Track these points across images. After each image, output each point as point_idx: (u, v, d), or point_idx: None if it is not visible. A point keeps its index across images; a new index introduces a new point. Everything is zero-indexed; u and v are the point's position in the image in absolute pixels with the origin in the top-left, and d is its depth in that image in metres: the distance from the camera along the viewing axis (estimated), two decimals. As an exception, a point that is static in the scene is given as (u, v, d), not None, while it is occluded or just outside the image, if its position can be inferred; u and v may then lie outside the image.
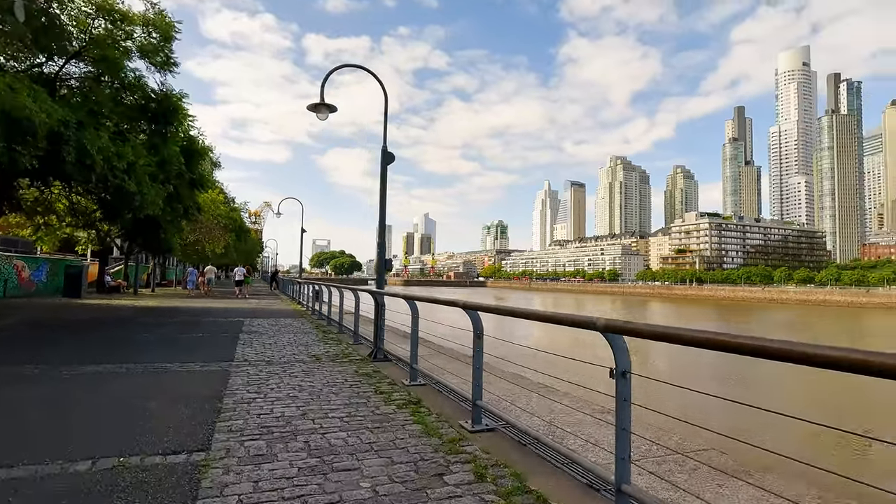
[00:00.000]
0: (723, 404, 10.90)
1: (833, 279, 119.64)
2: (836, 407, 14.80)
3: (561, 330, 28.34)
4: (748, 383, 17.55)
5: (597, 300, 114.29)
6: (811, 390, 16.53)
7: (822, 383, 16.96)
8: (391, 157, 8.26)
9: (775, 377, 17.59)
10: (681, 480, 3.46)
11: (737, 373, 18.49)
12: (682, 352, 24.70)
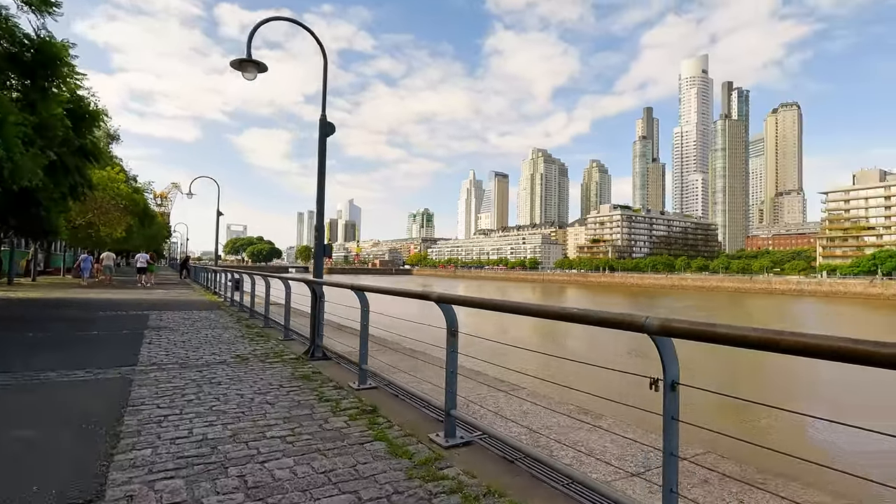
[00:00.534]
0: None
1: (723, 267, 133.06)
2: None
3: (512, 319, 28.22)
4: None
5: (519, 287, 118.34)
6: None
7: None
8: (331, 129, 7.27)
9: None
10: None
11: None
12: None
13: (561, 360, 11.22)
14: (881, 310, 63.77)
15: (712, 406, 11.01)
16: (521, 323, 25.59)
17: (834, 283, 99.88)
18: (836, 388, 15.51)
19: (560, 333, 23.88)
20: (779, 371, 17.50)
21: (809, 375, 17.01)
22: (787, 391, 15.71)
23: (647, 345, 2.23)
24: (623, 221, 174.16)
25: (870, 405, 13.40)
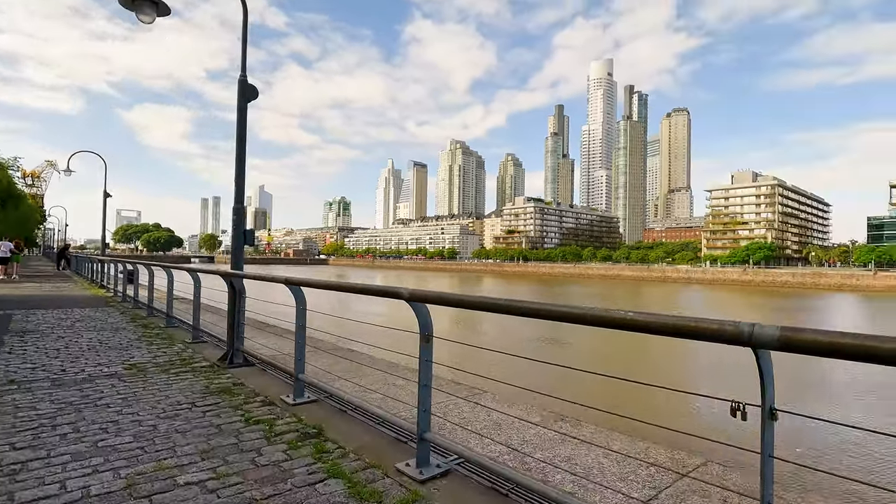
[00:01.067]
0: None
1: (625, 257, 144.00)
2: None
3: (465, 316, 27.52)
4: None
5: (436, 276, 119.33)
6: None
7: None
8: (253, 92, 6.11)
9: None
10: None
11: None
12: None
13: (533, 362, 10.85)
14: (752, 295, 72.59)
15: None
16: (481, 321, 25.08)
17: (716, 272, 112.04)
18: None
19: (527, 331, 23.50)
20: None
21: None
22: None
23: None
24: (536, 214, 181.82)
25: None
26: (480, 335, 22.51)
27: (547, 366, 12.35)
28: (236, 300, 5.90)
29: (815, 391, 14.24)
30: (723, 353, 17.94)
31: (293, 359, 4.55)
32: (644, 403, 11.40)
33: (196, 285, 7.60)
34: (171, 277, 9.03)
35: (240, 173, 6.01)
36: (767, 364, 1.63)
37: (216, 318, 8.95)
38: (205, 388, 4.85)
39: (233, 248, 6.02)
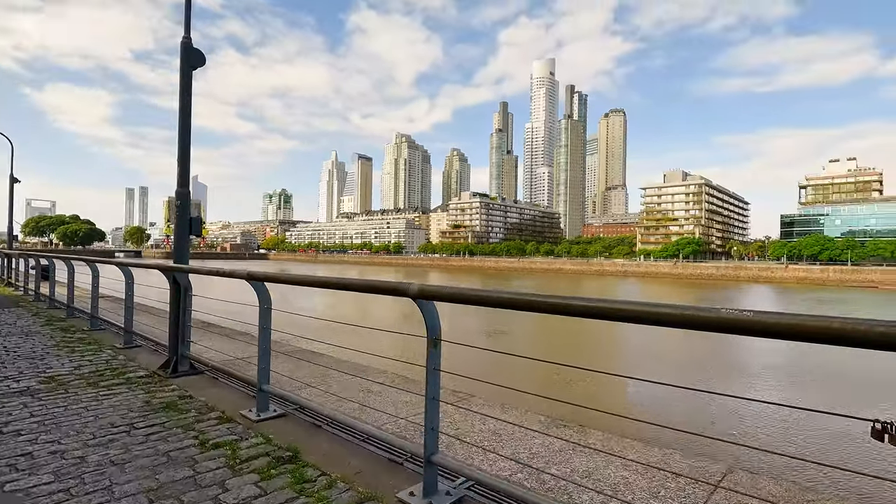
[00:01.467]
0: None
1: (566, 252, 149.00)
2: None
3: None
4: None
5: (381, 271, 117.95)
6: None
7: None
8: (198, 58, 5.29)
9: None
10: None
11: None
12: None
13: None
14: (682, 287, 77.39)
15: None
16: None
17: (649, 266, 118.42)
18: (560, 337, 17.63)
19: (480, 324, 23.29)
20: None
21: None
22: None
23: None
24: (482, 209, 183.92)
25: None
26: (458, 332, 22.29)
27: (529, 365, 12.19)
28: (181, 298, 5.10)
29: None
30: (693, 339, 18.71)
31: (252, 365, 3.91)
32: (646, 401, 11.48)
33: (128, 282, 6.63)
34: (97, 273, 7.90)
35: (184, 152, 5.19)
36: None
37: (152, 318, 7.93)
38: (145, 405, 4.08)
39: (176, 238, 5.20)
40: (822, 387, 14.12)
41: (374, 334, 17.11)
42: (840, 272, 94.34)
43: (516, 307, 2.16)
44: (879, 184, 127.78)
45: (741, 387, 13.49)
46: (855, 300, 53.48)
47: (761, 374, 15.43)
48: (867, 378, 14.53)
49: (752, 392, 12.62)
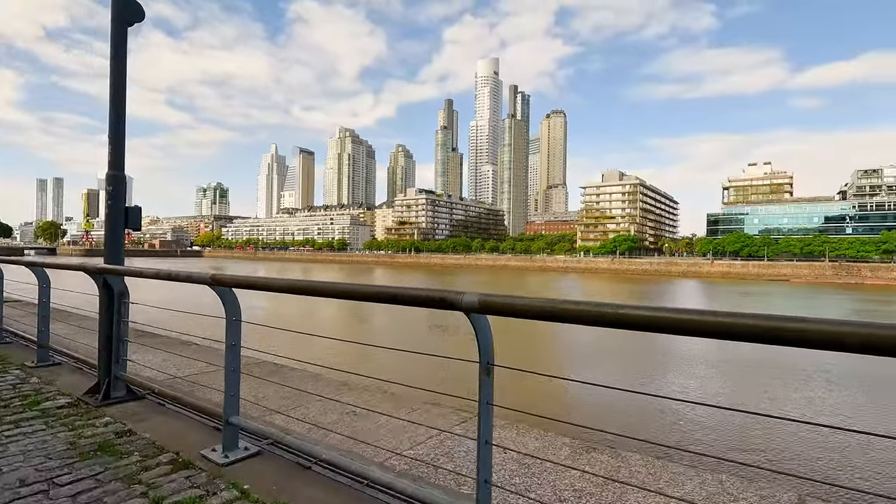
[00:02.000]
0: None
1: (510, 249, 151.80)
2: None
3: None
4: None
5: (325, 269, 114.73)
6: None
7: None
8: (136, 12, 4.32)
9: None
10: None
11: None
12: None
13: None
14: (620, 282, 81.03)
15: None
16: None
17: (589, 262, 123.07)
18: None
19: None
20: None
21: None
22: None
23: None
24: (428, 205, 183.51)
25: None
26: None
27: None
28: (114, 306, 4.13)
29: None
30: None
31: (209, 389, 3.10)
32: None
33: (42, 286, 5.47)
34: (1, 275, 6.56)
35: (117, 128, 4.20)
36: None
37: (73, 329, 6.68)
38: (69, 447, 3.14)
39: (108, 232, 4.20)
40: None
41: (350, 346, 15.85)
42: (758, 267, 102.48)
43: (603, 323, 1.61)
44: (790, 186, 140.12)
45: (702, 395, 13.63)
46: (772, 293, 58.56)
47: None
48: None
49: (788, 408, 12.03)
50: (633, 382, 13.83)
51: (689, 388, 13.51)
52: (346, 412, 3.91)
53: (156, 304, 4.62)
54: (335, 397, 4.20)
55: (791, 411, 11.73)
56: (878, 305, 43.10)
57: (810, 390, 13.43)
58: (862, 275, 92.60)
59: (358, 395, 4.35)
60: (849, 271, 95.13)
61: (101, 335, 4.18)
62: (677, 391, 13.04)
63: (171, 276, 3.41)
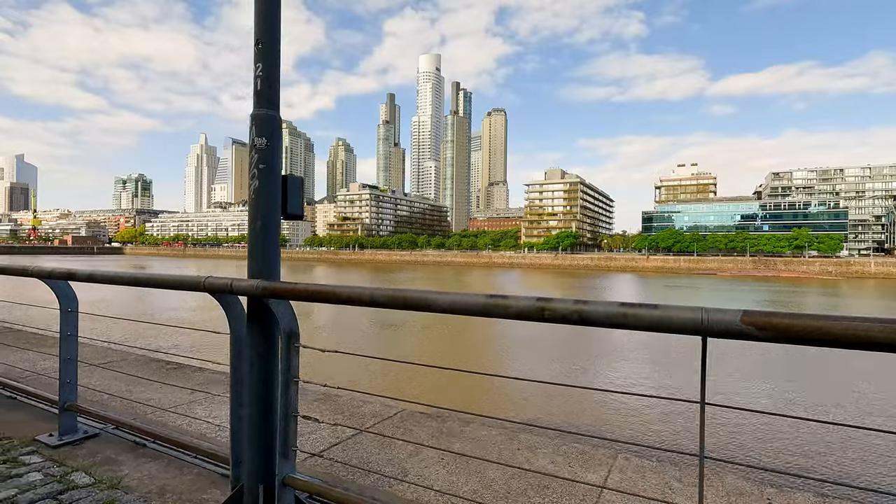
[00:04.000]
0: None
1: (456, 245, 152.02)
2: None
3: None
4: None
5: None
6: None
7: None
8: None
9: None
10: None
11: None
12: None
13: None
14: (561, 276, 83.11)
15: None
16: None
17: (533, 257, 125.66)
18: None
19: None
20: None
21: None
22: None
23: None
24: (372, 201, 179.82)
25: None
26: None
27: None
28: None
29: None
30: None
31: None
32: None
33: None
34: None
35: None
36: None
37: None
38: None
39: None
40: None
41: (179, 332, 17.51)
42: (688, 262, 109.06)
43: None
44: (714, 186, 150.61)
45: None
46: (700, 285, 62.54)
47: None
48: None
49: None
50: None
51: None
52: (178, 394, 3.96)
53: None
54: (165, 379, 4.42)
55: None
56: (789, 296, 47.75)
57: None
58: (777, 268, 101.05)
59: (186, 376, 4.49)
60: (766, 265, 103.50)
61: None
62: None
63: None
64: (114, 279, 2.66)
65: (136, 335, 16.90)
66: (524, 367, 14.92)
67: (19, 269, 3.18)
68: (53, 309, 3.13)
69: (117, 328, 18.02)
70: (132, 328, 18.03)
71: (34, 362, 5.00)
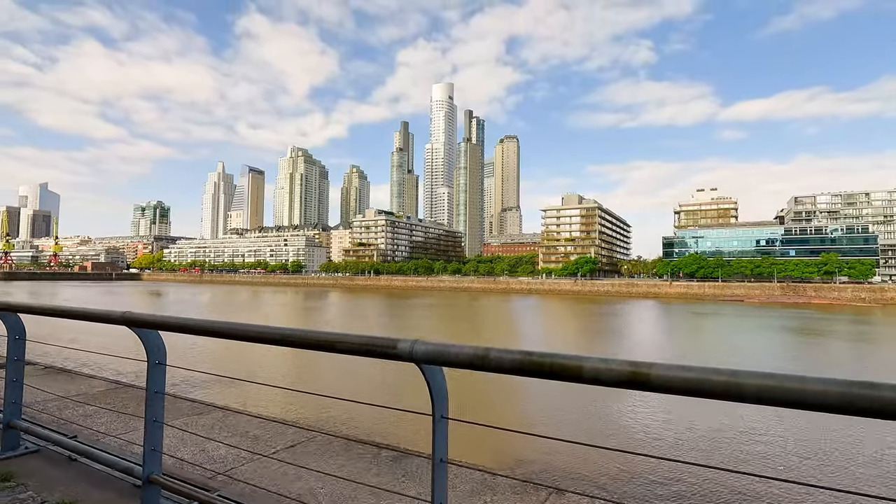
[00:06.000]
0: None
1: (473, 270, 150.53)
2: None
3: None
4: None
5: (277, 292, 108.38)
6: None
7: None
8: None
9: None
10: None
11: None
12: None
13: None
14: (582, 303, 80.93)
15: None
16: None
17: (552, 283, 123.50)
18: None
19: None
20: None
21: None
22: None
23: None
24: (387, 227, 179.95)
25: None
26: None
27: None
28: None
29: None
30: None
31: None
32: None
33: None
34: None
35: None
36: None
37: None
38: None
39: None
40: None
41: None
42: (714, 288, 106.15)
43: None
44: (735, 210, 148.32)
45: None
46: (728, 313, 60.23)
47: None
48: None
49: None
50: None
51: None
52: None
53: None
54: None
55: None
56: (824, 324, 46.00)
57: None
58: (808, 294, 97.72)
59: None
60: (795, 291, 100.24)
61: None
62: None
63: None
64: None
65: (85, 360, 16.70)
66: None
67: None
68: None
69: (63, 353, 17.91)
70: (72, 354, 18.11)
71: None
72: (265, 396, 15.08)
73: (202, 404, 5.23)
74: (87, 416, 4.51)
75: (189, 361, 19.52)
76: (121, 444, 3.69)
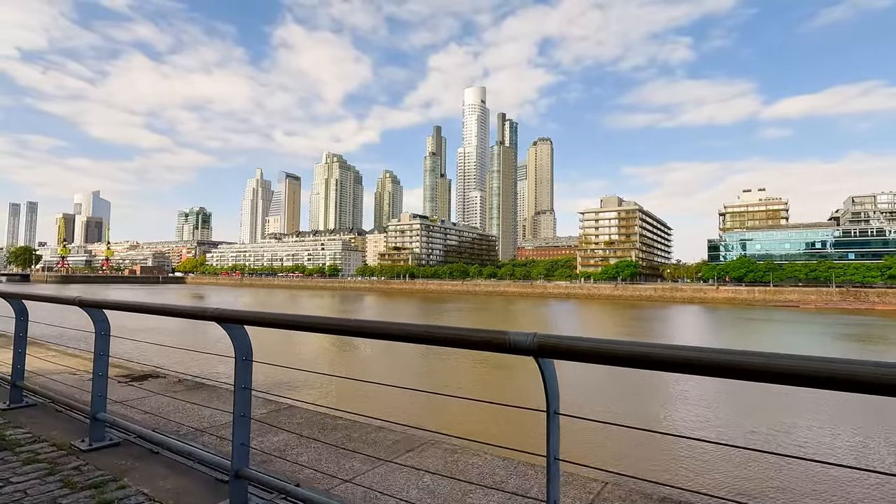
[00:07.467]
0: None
1: (509, 274, 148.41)
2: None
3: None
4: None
5: (314, 295, 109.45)
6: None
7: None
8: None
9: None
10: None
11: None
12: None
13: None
14: (622, 307, 77.83)
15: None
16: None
17: (591, 287, 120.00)
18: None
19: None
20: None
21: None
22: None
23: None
24: (422, 230, 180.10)
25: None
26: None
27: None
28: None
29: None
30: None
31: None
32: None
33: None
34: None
35: None
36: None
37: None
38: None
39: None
40: None
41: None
42: (765, 293, 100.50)
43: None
44: (786, 212, 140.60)
45: None
46: (784, 319, 56.36)
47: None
48: None
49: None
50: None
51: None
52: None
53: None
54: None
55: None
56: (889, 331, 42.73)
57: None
58: (870, 300, 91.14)
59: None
60: (856, 296, 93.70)
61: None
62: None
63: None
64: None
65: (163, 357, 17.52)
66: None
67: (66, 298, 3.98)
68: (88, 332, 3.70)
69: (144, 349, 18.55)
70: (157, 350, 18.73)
71: (68, 377, 5.61)
72: (348, 392, 15.11)
73: (286, 400, 5.23)
74: (171, 410, 4.60)
75: (272, 357, 19.50)
76: (205, 439, 3.78)
